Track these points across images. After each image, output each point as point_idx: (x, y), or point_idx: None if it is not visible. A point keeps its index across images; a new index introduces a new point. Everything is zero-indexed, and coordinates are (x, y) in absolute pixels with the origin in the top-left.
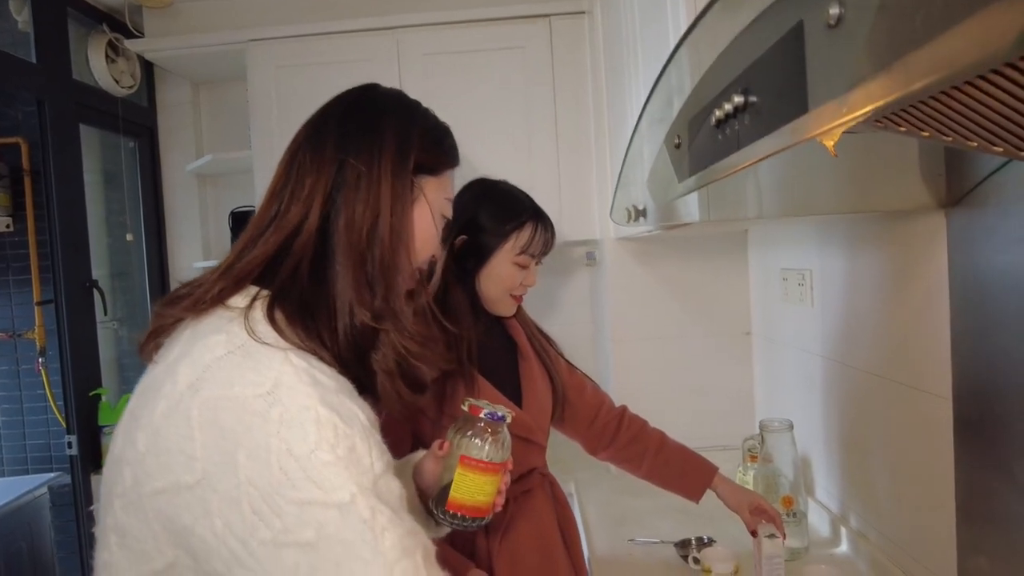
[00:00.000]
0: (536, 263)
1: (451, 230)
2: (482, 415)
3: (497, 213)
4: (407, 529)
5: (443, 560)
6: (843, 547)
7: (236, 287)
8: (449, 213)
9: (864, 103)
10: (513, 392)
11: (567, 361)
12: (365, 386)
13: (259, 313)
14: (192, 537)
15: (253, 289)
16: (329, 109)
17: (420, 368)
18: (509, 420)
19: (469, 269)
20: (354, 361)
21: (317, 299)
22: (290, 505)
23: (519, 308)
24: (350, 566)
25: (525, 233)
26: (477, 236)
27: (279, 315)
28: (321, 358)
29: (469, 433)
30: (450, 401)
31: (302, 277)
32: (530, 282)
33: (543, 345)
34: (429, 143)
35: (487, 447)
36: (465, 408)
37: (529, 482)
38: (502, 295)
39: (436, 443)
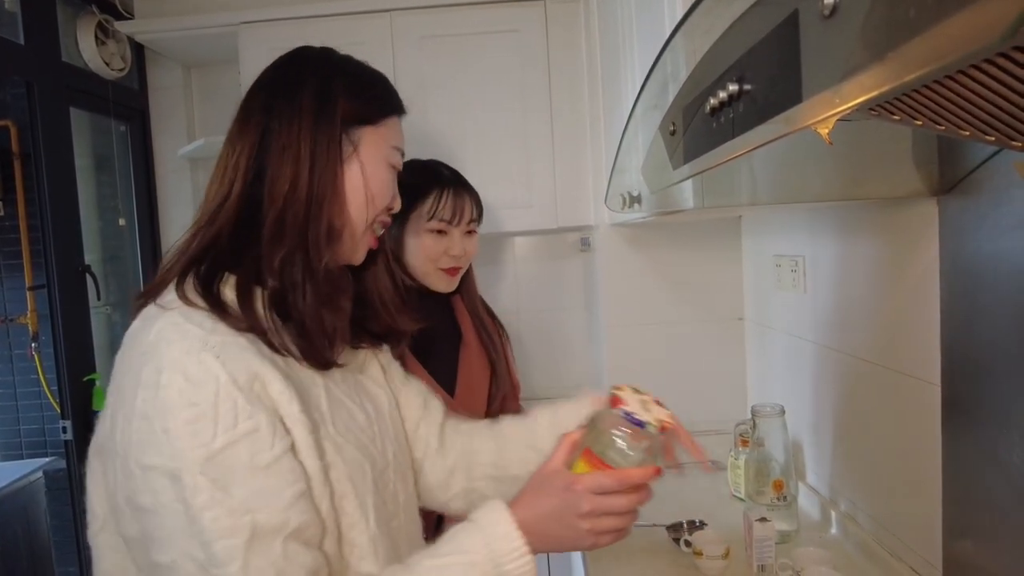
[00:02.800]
0: (465, 231)
1: None
2: (619, 410)
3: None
4: (232, 508)
5: (302, 539)
6: (833, 530)
7: (176, 266)
8: (398, 162)
9: (858, 93)
10: (449, 378)
11: (509, 358)
12: (308, 352)
13: (172, 283)
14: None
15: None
16: (257, 80)
17: (335, 330)
18: (653, 430)
19: (390, 244)
20: (284, 321)
21: (243, 261)
22: (138, 468)
23: (469, 292)
24: (178, 538)
25: (428, 200)
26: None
27: (189, 279)
28: (219, 316)
29: (602, 425)
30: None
31: (223, 240)
32: (456, 251)
33: (490, 335)
34: (356, 93)
35: (617, 448)
36: (610, 394)
37: None
38: (427, 266)
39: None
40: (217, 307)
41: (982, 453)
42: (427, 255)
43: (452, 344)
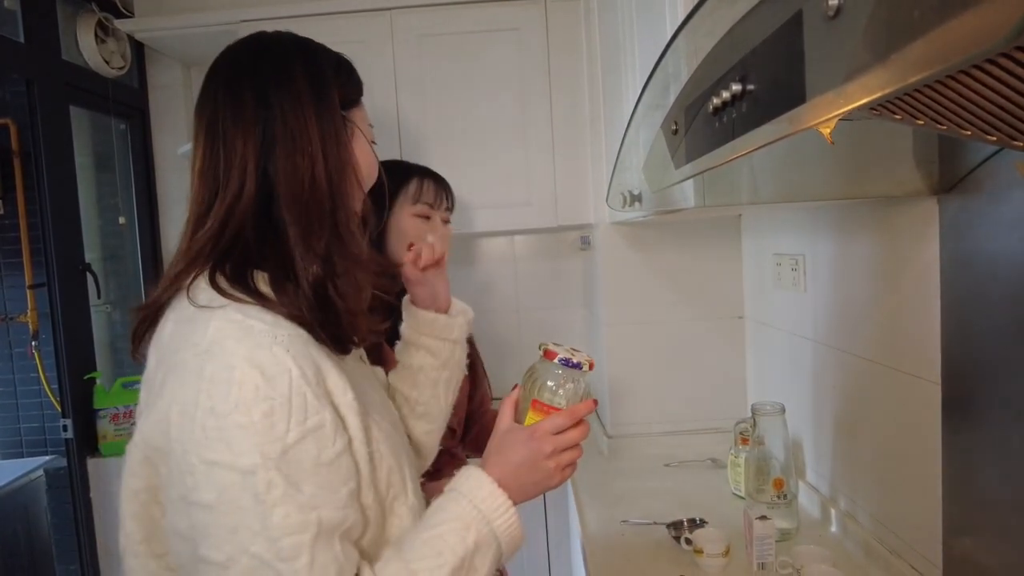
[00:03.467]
0: (444, 219)
1: None
2: (556, 360)
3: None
4: (301, 504)
5: (350, 537)
6: (833, 528)
7: (190, 269)
8: (372, 137)
9: (861, 95)
10: None
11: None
12: (339, 336)
13: (202, 282)
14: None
15: (203, 264)
16: (233, 68)
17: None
18: (587, 369)
19: (372, 237)
20: (321, 310)
21: (270, 258)
22: (201, 464)
23: None
24: (241, 535)
25: (412, 185)
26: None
27: (220, 278)
28: (271, 309)
29: (542, 378)
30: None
31: (247, 240)
32: (440, 234)
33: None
34: (343, 76)
35: (560, 393)
36: (540, 351)
37: (438, 462)
38: None
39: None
40: (264, 301)
41: (982, 451)
42: (412, 239)
43: None
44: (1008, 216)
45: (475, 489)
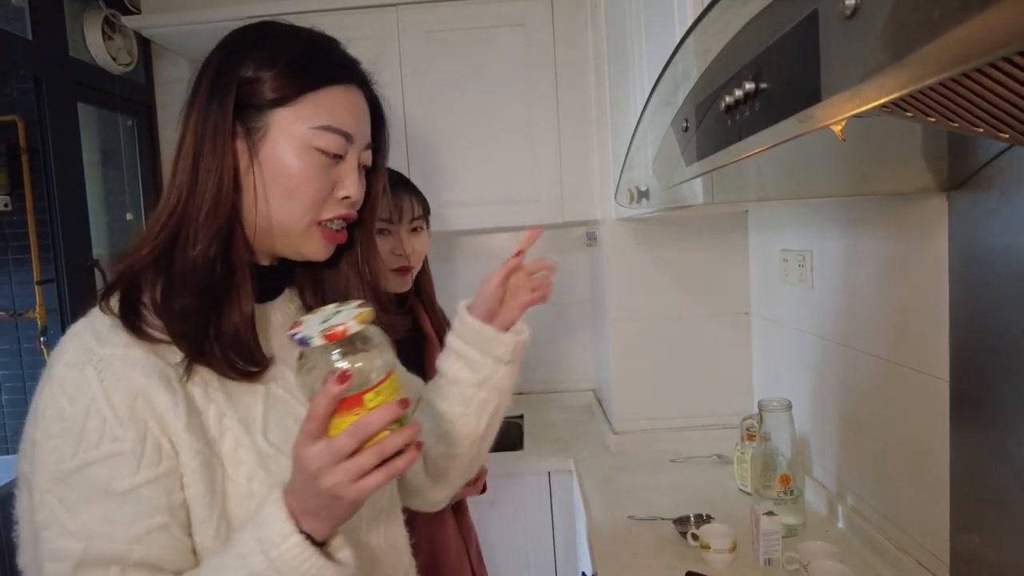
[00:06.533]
0: (410, 230)
1: None
2: (293, 336)
3: None
4: (68, 531)
5: (148, 568)
6: (839, 524)
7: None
8: (330, 144)
9: (877, 94)
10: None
11: None
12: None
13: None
14: None
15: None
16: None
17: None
18: (318, 343)
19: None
20: (183, 337)
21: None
22: (19, 475)
23: (427, 293)
24: (27, 547)
25: None
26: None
27: (120, 292)
28: (124, 326)
29: (303, 369)
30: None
31: (154, 250)
32: (401, 251)
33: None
34: (259, 71)
35: (308, 383)
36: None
37: None
38: None
39: None
40: (130, 317)
41: (990, 448)
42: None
43: (417, 346)
44: (1018, 212)
45: (259, 513)
